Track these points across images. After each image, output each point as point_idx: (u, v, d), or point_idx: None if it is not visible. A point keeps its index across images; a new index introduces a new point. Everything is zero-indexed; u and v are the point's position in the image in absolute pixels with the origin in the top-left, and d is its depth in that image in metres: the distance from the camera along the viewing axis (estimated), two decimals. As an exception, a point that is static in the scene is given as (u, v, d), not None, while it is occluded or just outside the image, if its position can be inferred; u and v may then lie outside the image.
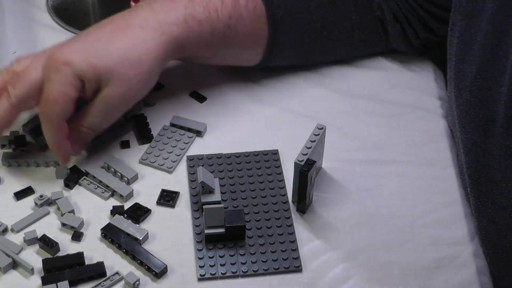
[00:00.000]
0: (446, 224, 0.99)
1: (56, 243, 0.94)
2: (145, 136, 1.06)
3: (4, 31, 1.22)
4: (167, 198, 1.00)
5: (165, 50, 1.00)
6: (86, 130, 0.99)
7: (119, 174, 1.01)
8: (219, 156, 1.04)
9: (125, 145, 1.06)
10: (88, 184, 1.01)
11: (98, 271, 0.93)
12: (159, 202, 1.00)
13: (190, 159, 1.04)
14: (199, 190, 0.99)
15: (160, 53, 0.99)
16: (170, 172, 1.03)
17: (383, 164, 1.05)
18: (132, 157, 1.05)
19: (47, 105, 0.95)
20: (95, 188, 1.01)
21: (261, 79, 1.15)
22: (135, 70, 0.97)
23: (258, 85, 1.15)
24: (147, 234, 0.96)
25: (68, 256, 0.94)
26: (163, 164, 1.03)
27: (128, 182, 1.01)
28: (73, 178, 1.01)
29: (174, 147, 1.06)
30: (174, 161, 1.04)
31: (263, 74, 1.16)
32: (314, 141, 0.96)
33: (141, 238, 0.95)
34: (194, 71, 1.17)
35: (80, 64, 0.95)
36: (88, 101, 0.99)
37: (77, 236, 0.96)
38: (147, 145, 1.06)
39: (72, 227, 0.96)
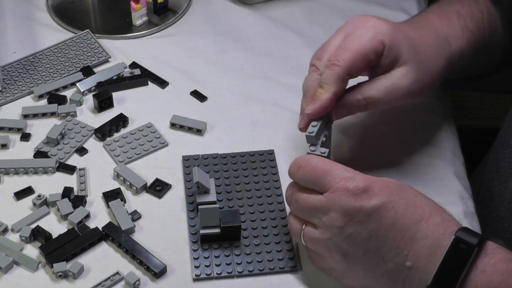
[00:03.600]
0: (446, 224, 0.98)
1: (50, 234, 0.95)
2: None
3: (4, 31, 1.22)
4: (158, 187, 1.01)
5: (451, 60, 1.01)
6: (361, 98, 0.96)
7: (128, 183, 1.01)
8: (214, 156, 1.04)
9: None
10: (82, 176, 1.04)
11: (96, 236, 0.95)
12: (148, 190, 1.01)
13: (186, 159, 1.04)
14: (194, 190, 0.98)
15: (447, 61, 1.00)
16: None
17: (383, 164, 1.05)
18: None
19: (341, 53, 0.94)
20: None
21: (261, 79, 1.15)
22: (431, 65, 0.97)
23: (258, 85, 1.14)
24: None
25: (61, 235, 0.95)
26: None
27: (137, 192, 1.01)
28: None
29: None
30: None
31: (263, 74, 1.16)
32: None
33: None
34: (195, 70, 1.17)
35: (389, 30, 0.95)
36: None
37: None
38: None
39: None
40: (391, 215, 0.85)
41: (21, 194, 1.01)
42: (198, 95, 1.13)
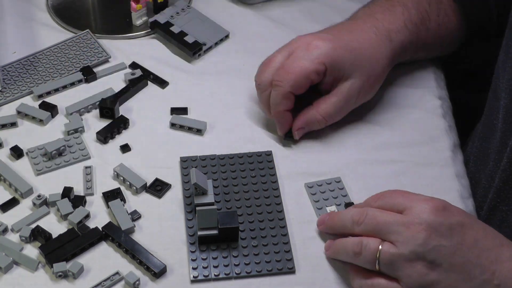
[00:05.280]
0: (445, 224, 0.98)
1: (50, 234, 0.95)
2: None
3: (4, 31, 1.23)
4: (158, 187, 1.01)
5: (393, 55, 1.07)
6: (321, 118, 1.04)
7: (128, 182, 1.01)
8: (212, 157, 1.04)
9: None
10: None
11: (96, 236, 0.95)
12: (148, 190, 1.01)
13: (184, 160, 1.04)
14: (192, 192, 0.98)
15: (390, 58, 1.06)
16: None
17: (383, 164, 1.05)
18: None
19: (285, 75, 1.01)
20: None
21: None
22: (373, 69, 1.04)
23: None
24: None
25: (61, 235, 0.96)
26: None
27: (137, 191, 1.01)
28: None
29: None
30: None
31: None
32: None
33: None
34: (195, 70, 1.17)
35: (329, 50, 1.01)
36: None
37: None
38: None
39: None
40: (473, 234, 0.86)
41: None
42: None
